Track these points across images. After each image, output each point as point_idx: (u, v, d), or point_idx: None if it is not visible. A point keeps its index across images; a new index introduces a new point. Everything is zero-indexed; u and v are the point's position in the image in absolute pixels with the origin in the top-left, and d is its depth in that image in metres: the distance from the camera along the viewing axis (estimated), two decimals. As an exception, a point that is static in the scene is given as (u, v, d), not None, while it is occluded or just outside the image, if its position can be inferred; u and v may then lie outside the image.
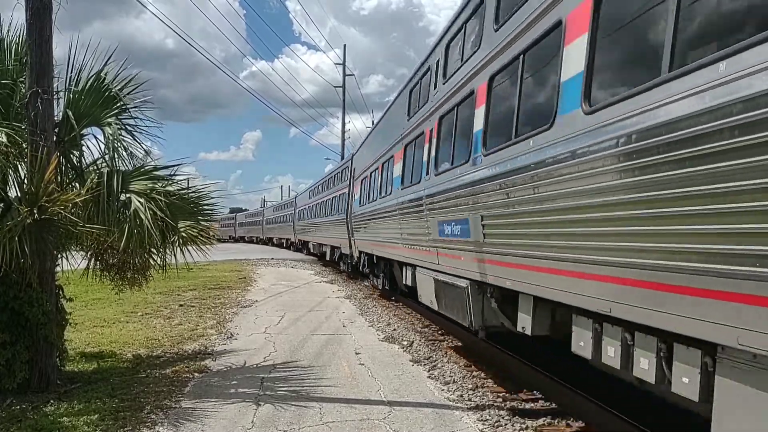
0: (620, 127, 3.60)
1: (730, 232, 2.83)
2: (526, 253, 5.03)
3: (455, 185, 6.96)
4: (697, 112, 2.97)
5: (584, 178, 3.99)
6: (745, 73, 2.70)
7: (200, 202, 7.38)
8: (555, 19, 4.58)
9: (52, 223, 5.71)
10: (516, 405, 5.83)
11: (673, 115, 3.14)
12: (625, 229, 3.62)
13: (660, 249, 3.31)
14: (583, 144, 4.01)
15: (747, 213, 2.73)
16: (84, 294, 12.30)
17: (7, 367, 5.71)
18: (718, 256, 2.91)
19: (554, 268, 4.53)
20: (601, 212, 3.85)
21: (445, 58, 8.03)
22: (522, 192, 4.99)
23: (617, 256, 3.70)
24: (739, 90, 2.73)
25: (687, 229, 3.11)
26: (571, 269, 4.28)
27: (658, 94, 3.29)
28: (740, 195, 2.75)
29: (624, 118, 3.57)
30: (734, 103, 2.75)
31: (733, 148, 2.75)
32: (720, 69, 2.84)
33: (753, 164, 2.67)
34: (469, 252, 6.58)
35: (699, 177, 2.97)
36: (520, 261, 5.18)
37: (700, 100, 2.96)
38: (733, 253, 2.82)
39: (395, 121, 11.59)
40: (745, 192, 2.73)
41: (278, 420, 5.26)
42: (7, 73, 6.53)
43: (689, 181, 3.04)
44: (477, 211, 6.17)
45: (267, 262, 29.68)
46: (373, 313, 11.94)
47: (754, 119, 2.64)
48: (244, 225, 75.59)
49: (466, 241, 6.60)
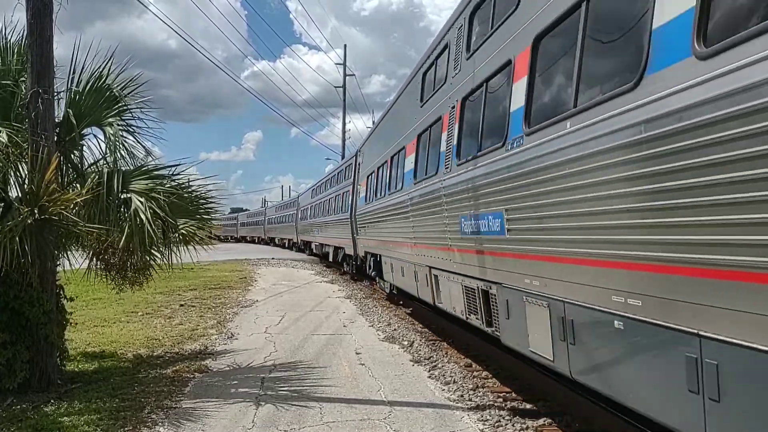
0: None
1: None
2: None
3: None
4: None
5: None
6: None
7: (200, 202, 7.39)
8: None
9: (52, 222, 5.72)
10: (516, 405, 5.83)
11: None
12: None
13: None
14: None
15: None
16: (85, 294, 12.31)
17: (8, 367, 5.72)
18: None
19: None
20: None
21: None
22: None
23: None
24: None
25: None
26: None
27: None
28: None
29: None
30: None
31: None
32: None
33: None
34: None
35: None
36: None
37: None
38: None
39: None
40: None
41: (279, 420, 5.26)
42: (8, 73, 6.54)
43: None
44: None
45: (268, 262, 29.69)
46: (373, 313, 11.94)
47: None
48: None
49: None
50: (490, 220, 5.83)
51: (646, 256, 3.40)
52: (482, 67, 6.25)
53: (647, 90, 3.33)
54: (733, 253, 2.77)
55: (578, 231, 4.16)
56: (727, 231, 2.80)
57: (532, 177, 4.81)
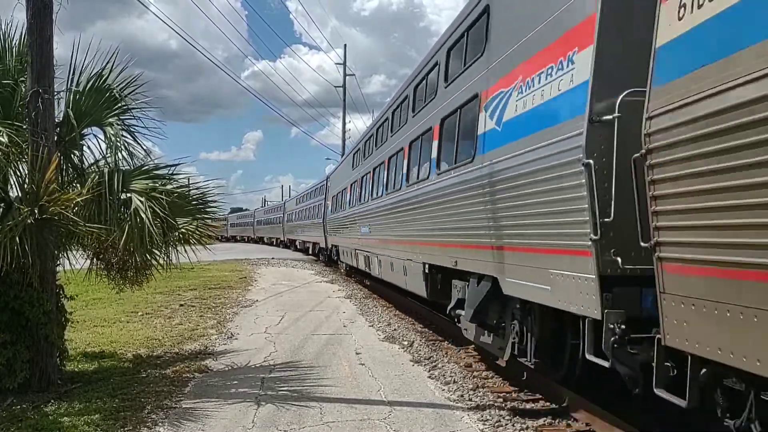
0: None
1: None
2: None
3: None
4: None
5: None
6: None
7: (200, 202, 7.39)
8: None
9: (52, 222, 5.71)
10: (516, 405, 5.83)
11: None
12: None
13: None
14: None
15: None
16: (85, 293, 12.31)
17: (8, 367, 5.71)
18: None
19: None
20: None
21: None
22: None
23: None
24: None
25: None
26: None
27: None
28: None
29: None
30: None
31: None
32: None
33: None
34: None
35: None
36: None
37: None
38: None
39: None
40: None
41: (279, 420, 5.26)
42: (8, 73, 6.53)
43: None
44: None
45: (267, 261, 29.68)
46: (373, 313, 11.95)
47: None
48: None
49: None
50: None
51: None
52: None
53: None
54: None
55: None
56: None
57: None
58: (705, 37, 3.00)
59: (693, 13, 3.09)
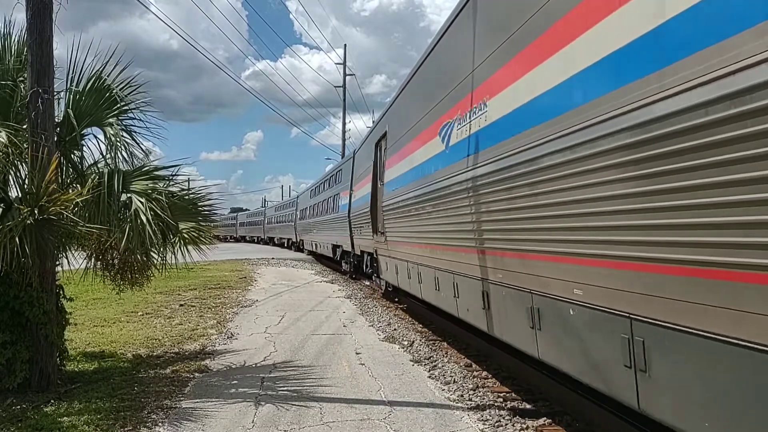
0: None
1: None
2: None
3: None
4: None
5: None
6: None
7: (201, 202, 7.39)
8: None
9: (52, 223, 5.71)
10: (517, 405, 5.83)
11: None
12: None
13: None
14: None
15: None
16: (84, 294, 12.30)
17: (8, 367, 5.72)
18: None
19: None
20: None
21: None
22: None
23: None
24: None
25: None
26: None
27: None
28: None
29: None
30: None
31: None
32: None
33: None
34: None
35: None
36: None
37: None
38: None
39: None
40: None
41: (279, 420, 5.26)
42: (8, 73, 6.53)
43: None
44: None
45: (268, 261, 29.67)
46: (373, 313, 11.94)
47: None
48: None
49: None
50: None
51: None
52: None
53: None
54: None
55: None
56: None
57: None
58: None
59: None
